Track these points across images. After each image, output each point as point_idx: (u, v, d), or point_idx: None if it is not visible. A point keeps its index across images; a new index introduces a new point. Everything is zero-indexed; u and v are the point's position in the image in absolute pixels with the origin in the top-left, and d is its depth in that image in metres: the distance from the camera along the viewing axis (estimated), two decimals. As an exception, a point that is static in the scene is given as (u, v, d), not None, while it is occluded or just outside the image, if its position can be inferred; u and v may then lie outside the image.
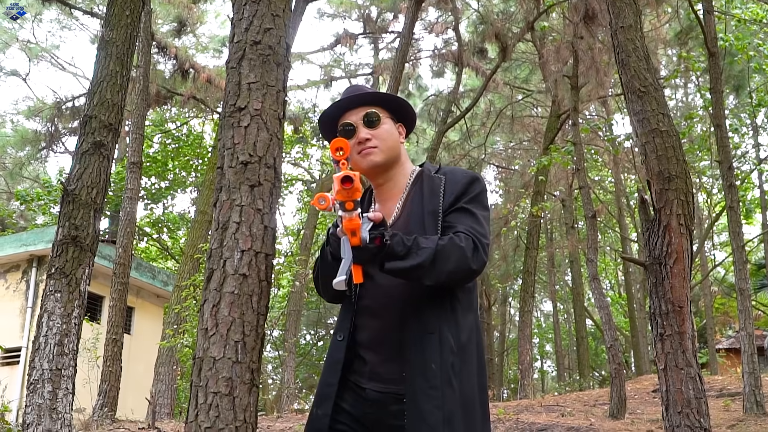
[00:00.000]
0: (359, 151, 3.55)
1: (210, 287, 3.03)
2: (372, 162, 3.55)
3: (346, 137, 3.53)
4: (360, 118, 3.57)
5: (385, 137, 3.59)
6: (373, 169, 3.58)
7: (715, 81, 14.26)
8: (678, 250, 6.38)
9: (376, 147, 3.56)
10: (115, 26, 7.42)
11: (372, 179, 3.66)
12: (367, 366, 3.31)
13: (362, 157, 3.55)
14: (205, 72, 26.49)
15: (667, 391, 6.27)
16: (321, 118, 3.72)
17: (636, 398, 17.56)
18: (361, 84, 4.02)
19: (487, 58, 27.03)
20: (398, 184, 3.64)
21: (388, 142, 3.60)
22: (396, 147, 3.65)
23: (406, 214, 3.51)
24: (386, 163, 3.59)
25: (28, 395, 6.20)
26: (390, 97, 3.74)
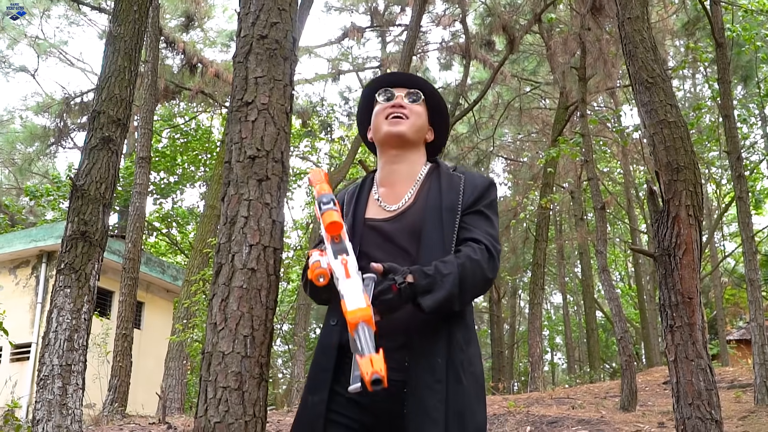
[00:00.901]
0: (389, 114, 3.61)
1: (219, 282, 3.03)
2: (397, 131, 3.59)
3: (382, 99, 3.68)
4: (403, 92, 3.68)
5: (417, 116, 3.66)
6: (394, 138, 3.61)
7: (723, 71, 14.23)
8: (687, 241, 6.37)
9: (407, 118, 3.61)
10: (122, 21, 7.43)
11: (386, 151, 3.67)
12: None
13: (389, 122, 3.60)
14: (213, 66, 26.49)
15: (677, 382, 6.26)
16: (371, 82, 3.83)
17: (647, 390, 17.54)
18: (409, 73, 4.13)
19: (495, 51, 27.02)
20: (410, 170, 3.64)
21: (417, 122, 3.65)
22: (421, 133, 3.69)
23: (421, 204, 3.48)
24: (408, 140, 3.62)
25: (38, 391, 6.20)
26: (437, 95, 3.81)
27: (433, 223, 3.36)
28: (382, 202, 3.55)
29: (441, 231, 3.35)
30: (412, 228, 3.40)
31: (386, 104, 3.65)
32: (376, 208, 3.57)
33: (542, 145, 31.15)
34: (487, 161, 34.51)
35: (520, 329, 46.82)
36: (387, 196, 3.58)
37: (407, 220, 3.45)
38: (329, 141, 38.32)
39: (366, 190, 3.69)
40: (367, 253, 3.35)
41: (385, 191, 3.61)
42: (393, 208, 3.51)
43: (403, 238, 3.40)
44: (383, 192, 3.61)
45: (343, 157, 35.01)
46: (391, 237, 3.41)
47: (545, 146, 27.60)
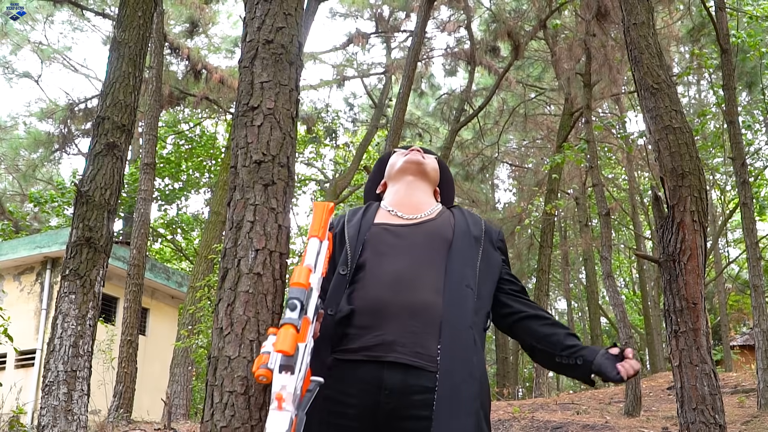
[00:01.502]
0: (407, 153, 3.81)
1: (225, 286, 3.03)
2: (417, 159, 3.76)
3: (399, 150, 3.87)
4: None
5: (432, 165, 3.84)
6: (413, 165, 3.76)
7: (728, 78, 14.25)
8: (692, 247, 6.38)
9: (425, 161, 3.79)
10: (127, 27, 7.44)
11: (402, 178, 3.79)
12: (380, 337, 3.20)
13: (408, 156, 3.78)
14: (218, 72, 26.50)
15: (681, 387, 6.27)
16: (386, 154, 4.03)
17: (651, 395, 17.55)
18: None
19: (500, 57, 27.01)
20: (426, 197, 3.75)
21: (432, 166, 3.84)
22: (434, 176, 3.85)
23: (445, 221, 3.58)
24: (425, 171, 3.77)
25: (43, 397, 6.21)
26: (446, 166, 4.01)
27: (463, 242, 3.47)
28: (398, 212, 3.60)
29: (469, 249, 3.46)
30: (435, 235, 3.48)
31: (404, 152, 3.82)
32: (388, 216, 3.61)
33: (547, 151, 31.15)
34: (492, 167, 34.53)
35: (525, 335, 46.70)
36: (403, 207, 3.64)
37: (429, 228, 3.52)
38: (334, 147, 38.37)
39: (373, 210, 3.72)
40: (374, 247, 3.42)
41: (400, 205, 3.67)
42: (411, 216, 3.58)
43: (425, 239, 3.46)
44: (398, 205, 3.67)
45: (348, 163, 35.06)
46: (410, 237, 3.46)
47: (550, 152, 27.60)
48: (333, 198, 29.14)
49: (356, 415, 3.13)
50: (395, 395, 3.10)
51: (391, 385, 3.11)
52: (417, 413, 3.09)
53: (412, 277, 3.29)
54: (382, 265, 3.35)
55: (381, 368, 3.14)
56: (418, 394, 3.10)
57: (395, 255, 3.37)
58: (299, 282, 2.84)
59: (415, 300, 3.23)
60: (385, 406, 3.11)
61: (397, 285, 3.26)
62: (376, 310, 3.23)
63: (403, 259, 3.36)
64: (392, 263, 3.35)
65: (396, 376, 3.12)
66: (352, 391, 3.14)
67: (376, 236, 3.48)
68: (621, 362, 3.29)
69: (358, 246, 3.43)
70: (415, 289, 3.26)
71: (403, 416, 3.10)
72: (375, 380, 3.13)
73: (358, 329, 3.22)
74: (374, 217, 3.61)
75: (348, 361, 3.20)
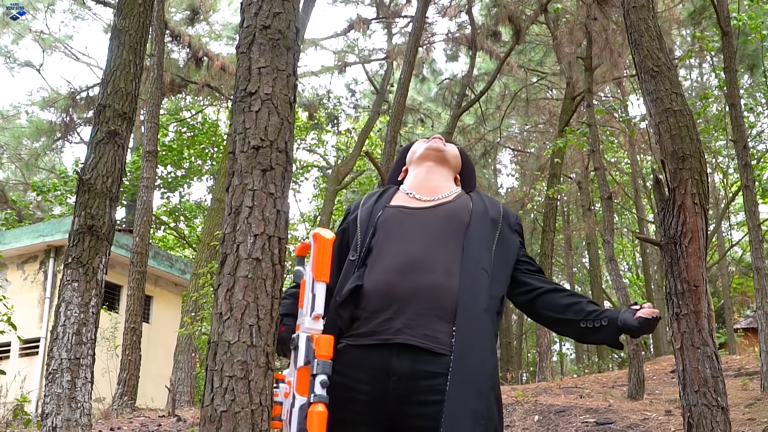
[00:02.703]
0: (432, 139, 3.89)
1: (224, 272, 3.04)
2: (437, 146, 3.84)
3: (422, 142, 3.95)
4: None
5: (453, 153, 3.90)
6: (434, 152, 3.84)
7: (729, 60, 14.21)
8: (693, 230, 6.37)
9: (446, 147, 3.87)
10: (127, 15, 7.43)
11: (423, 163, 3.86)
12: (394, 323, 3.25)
13: (432, 140, 3.87)
14: (219, 60, 26.47)
15: (683, 370, 6.27)
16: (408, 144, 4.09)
17: (654, 379, 17.55)
18: None
19: (501, 41, 26.99)
20: (445, 181, 3.79)
21: (453, 153, 3.89)
22: (455, 163, 3.91)
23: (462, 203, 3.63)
24: (445, 158, 3.83)
25: (47, 385, 6.22)
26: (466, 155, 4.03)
27: (480, 223, 3.51)
28: (415, 195, 3.66)
29: (485, 232, 3.49)
30: (452, 218, 3.52)
31: (426, 140, 3.91)
32: (406, 199, 3.67)
33: (549, 135, 31.12)
34: (494, 152, 34.51)
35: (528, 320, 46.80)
36: (421, 190, 3.70)
37: (446, 210, 3.57)
38: (336, 133, 38.35)
39: (390, 192, 3.79)
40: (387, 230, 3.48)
41: (418, 187, 3.73)
42: (428, 199, 3.63)
43: (439, 222, 3.50)
44: (416, 188, 3.73)
45: (350, 150, 35.06)
46: (426, 219, 3.52)
47: (552, 137, 27.58)
48: (336, 184, 29.14)
49: (367, 401, 3.18)
50: (403, 381, 3.15)
51: (400, 371, 3.16)
52: (425, 398, 3.13)
53: (422, 258, 3.34)
54: (392, 247, 3.41)
55: (390, 353, 3.19)
56: (425, 380, 3.14)
57: (407, 236, 3.43)
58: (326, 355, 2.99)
59: (425, 282, 3.27)
60: (393, 392, 3.16)
61: (407, 267, 3.31)
62: (385, 292, 3.28)
63: (416, 240, 3.41)
64: (403, 245, 3.41)
65: (404, 361, 3.17)
66: (363, 378, 3.21)
67: (390, 218, 3.54)
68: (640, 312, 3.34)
69: (369, 229, 3.50)
70: (425, 270, 3.30)
71: (411, 401, 3.15)
72: (384, 366, 3.18)
73: (369, 312, 3.29)
74: (391, 199, 3.68)
75: (359, 346, 3.26)
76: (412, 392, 3.14)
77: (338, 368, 3.18)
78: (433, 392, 3.11)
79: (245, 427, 2.85)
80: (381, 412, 3.19)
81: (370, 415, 3.20)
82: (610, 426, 10.76)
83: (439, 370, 3.14)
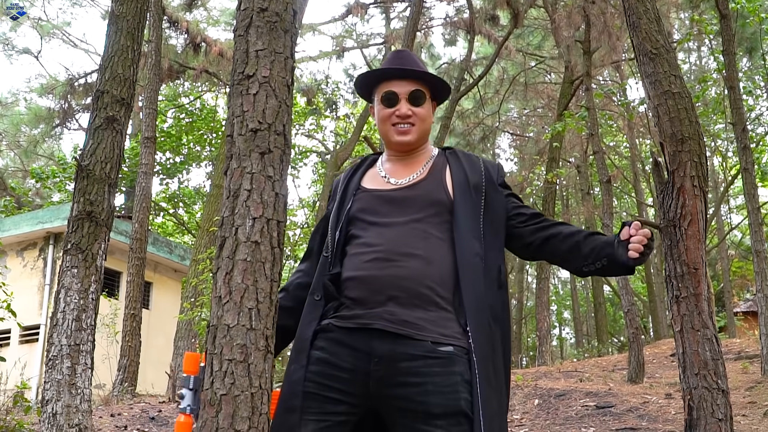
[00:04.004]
0: (395, 123, 3.63)
1: (222, 255, 3.04)
2: (405, 140, 3.65)
3: (385, 104, 3.65)
4: (406, 91, 3.64)
5: (424, 118, 3.67)
6: (403, 146, 3.66)
7: (728, 43, 14.21)
8: (692, 212, 6.37)
9: (414, 126, 3.64)
10: (125, 1, 7.41)
11: (393, 151, 3.72)
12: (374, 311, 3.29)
13: (396, 132, 3.64)
14: (217, 45, 26.46)
15: (683, 353, 6.27)
16: (362, 78, 3.82)
17: (654, 362, 17.60)
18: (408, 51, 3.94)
19: (499, 25, 26.95)
20: (417, 159, 3.70)
21: (425, 124, 3.68)
22: (428, 129, 3.74)
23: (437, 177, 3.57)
24: (416, 143, 3.67)
25: (47, 371, 6.22)
26: (437, 79, 3.75)
27: (464, 201, 3.47)
28: (390, 178, 3.62)
29: (471, 208, 3.46)
30: (426, 198, 3.49)
31: (390, 110, 3.65)
32: (379, 181, 3.64)
33: (548, 119, 31.16)
34: (493, 137, 34.53)
35: (528, 304, 46.90)
36: (394, 172, 3.66)
37: (419, 190, 3.52)
38: (334, 119, 38.38)
39: (366, 166, 3.78)
40: (362, 218, 3.50)
41: (392, 168, 3.68)
42: (401, 181, 3.58)
43: (415, 205, 3.46)
44: (389, 169, 3.69)
45: (348, 135, 35.07)
46: (401, 203, 3.49)
47: (551, 121, 27.60)
48: (334, 169, 29.13)
49: (349, 379, 3.23)
50: (384, 362, 3.20)
51: (380, 352, 3.21)
52: (405, 380, 3.17)
53: (401, 246, 3.35)
54: (370, 237, 3.44)
55: (371, 336, 3.24)
56: (406, 362, 3.18)
57: (383, 226, 3.44)
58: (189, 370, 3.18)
59: (404, 272, 3.30)
60: (375, 374, 3.21)
61: (386, 257, 3.34)
62: (366, 283, 3.33)
63: (393, 227, 3.42)
64: (381, 233, 3.42)
65: (385, 344, 3.21)
66: (345, 356, 3.26)
67: (366, 205, 3.54)
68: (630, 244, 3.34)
69: (340, 223, 3.54)
70: (404, 259, 3.32)
71: (392, 383, 3.19)
72: (366, 347, 3.23)
73: (350, 300, 3.34)
74: (361, 181, 3.68)
75: (342, 327, 3.31)
76: (392, 374, 3.19)
77: (322, 344, 3.30)
78: (413, 374, 3.16)
79: (245, 410, 2.84)
80: (362, 392, 3.23)
81: (352, 394, 3.24)
82: (610, 409, 10.79)
83: (419, 352, 3.18)
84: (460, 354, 3.21)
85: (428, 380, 3.15)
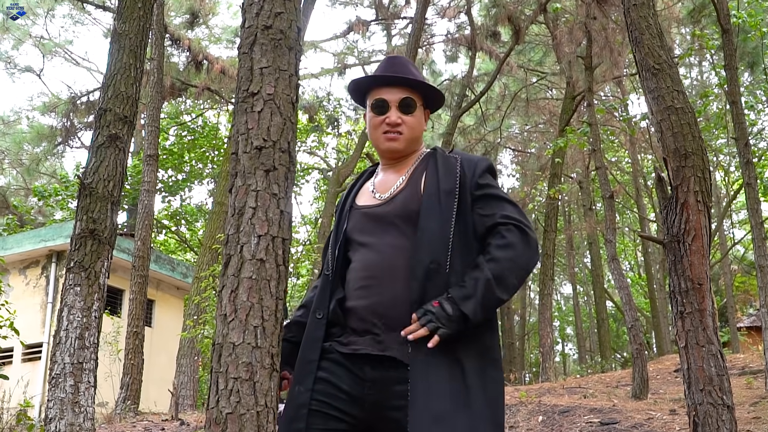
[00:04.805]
0: (385, 131, 3.60)
1: (228, 273, 3.03)
2: (393, 148, 3.62)
3: (375, 112, 3.62)
4: (396, 99, 3.61)
5: (414, 126, 3.63)
6: (392, 153, 3.64)
7: (730, 58, 14.21)
8: (696, 227, 6.36)
9: (403, 134, 3.60)
10: (127, 18, 7.42)
11: (384, 158, 3.71)
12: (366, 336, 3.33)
13: (385, 139, 3.61)
14: (219, 63, 26.54)
15: (688, 369, 6.25)
16: (354, 84, 3.80)
17: (658, 378, 17.55)
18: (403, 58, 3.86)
19: (501, 42, 27.02)
20: (403, 167, 3.67)
21: (415, 132, 3.65)
22: (420, 137, 3.71)
23: (412, 189, 3.51)
24: (404, 151, 3.64)
25: (50, 389, 6.21)
26: (429, 87, 3.72)
27: (430, 208, 3.39)
28: (376, 193, 3.62)
29: (439, 215, 3.37)
30: (402, 211, 3.46)
31: (380, 118, 3.63)
32: (368, 197, 3.64)
33: (549, 135, 31.17)
34: (495, 152, 34.55)
35: (531, 320, 46.93)
36: (380, 185, 3.65)
37: (397, 203, 3.50)
38: (336, 135, 38.42)
39: (363, 180, 3.80)
40: (353, 238, 3.54)
41: (380, 180, 3.68)
42: (384, 196, 3.57)
43: (394, 221, 3.45)
44: (379, 181, 3.69)
45: (350, 152, 35.09)
46: (382, 219, 3.48)
47: (553, 136, 27.62)
48: (336, 186, 29.16)
49: (347, 400, 3.27)
50: (377, 386, 3.24)
51: (371, 377, 3.26)
52: (398, 403, 3.18)
53: (383, 269, 3.39)
54: (358, 261, 3.49)
55: (363, 361, 3.28)
56: (397, 385, 3.20)
57: (369, 245, 3.47)
58: None
59: (387, 296, 3.33)
60: (369, 398, 3.25)
61: (370, 281, 3.39)
62: (353, 313, 3.39)
63: (376, 248, 3.44)
64: (366, 257, 3.46)
65: (375, 370, 3.25)
66: (344, 378, 3.30)
67: (356, 224, 3.57)
68: None
69: (338, 242, 3.56)
70: (387, 282, 3.35)
71: (385, 406, 3.22)
72: (359, 372, 3.28)
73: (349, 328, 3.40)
74: (356, 198, 3.69)
75: (340, 352, 3.35)
76: (386, 398, 3.22)
77: (325, 365, 3.32)
78: (404, 397, 3.15)
79: (251, 429, 2.84)
80: (360, 414, 3.27)
81: (351, 415, 3.27)
82: (615, 426, 10.75)
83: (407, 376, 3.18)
84: None
85: None
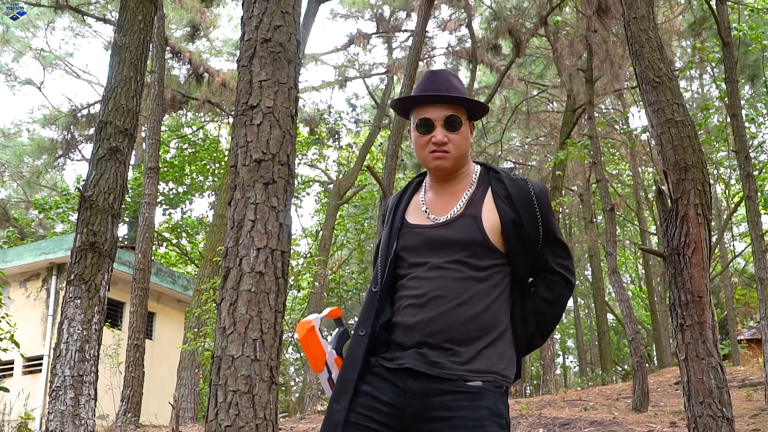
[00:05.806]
0: (432, 150, 3.53)
1: (227, 286, 3.03)
2: (442, 166, 3.55)
3: (420, 132, 3.54)
4: (441, 117, 3.52)
5: (461, 144, 3.56)
6: (441, 172, 3.59)
7: (730, 71, 14.21)
8: (696, 240, 6.37)
9: (450, 153, 3.53)
10: (128, 31, 7.43)
11: (433, 176, 3.66)
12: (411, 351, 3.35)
13: (433, 158, 3.54)
14: (220, 75, 26.54)
15: (688, 381, 6.25)
16: (397, 102, 3.77)
17: (659, 391, 17.53)
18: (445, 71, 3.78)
19: (501, 55, 27.00)
20: (461, 183, 3.63)
21: (462, 149, 3.57)
22: (467, 153, 3.63)
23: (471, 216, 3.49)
24: (453, 168, 3.58)
25: (51, 402, 6.21)
26: (473, 102, 3.65)
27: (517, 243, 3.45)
28: (430, 214, 3.56)
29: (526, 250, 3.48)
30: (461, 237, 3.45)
31: (426, 137, 3.55)
32: (420, 216, 3.59)
33: (550, 148, 31.13)
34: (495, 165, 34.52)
35: (531, 333, 46.70)
36: (434, 205, 3.60)
37: (455, 229, 3.47)
38: (337, 148, 38.40)
39: (411, 193, 3.73)
40: (405, 258, 3.51)
41: (432, 199, 3.63)
42: (440, 219, 3.52)
43: (450, 245, 3.43)
44: (431, 199, 3.64)
45: (351, 164, 35.08)
46: (437, 242, 3.46)
47: (553, 149, 27.58)
48: (337, 199, 29.15)
49: (387, 413, 3.29)
50: (417, 398, 3.26)
51: (414, 389, 3.27)
52: (436, 414, 3.23)
53: (436, 289, 3.37)
54: (410, 280, 3.46)
55: (407, 375, 3.30)
56: (437, 397, 3.24)
57: (420, 266, 3.44)
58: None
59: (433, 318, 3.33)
60: (409, 409, 3.26)
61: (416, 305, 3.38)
62: (401, 330, 3.39)
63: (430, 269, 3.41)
64: (419, 276, 3.43)
65: (417, 383, 3.27)
66: (386, 391, 3.31)
67: (408, 243, 3.54)
68: None
69: (389, 259, 3.52)
70: (439, 302, 3.35)
71: (425, 418, 3.25)
72: (402, 384, 3.29)
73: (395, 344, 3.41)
74: (405, 213, 3.63)
75: (384, 367, 3.37)
76: (425, 409, 3.24)
77: (368, 379, 3.34)
78: (443, 408, 3.20)
79: (250, 442, 2.83)
80: (399, 425, 3.28)
81: (390, 427, 3.28)
82: (615, 438, 10.74)
83: (449, 388, 3.23)
84: (489, 388, 3.25)
85: (456, 414, 3.19)
